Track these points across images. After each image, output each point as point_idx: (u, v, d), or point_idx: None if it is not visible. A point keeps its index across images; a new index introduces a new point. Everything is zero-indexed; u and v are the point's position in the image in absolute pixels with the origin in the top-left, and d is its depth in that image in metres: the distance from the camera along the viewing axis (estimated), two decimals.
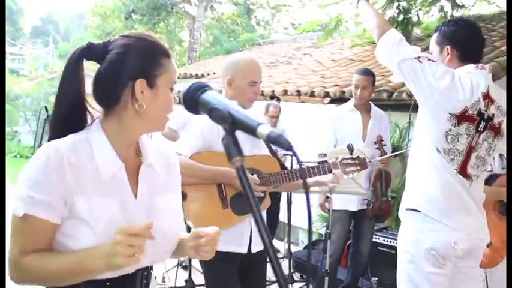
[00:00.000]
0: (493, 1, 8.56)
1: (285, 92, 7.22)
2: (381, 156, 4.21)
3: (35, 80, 21.27)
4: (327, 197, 4.11)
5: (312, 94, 6.74)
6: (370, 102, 4.43)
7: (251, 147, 2.84)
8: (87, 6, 21.66)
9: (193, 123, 2.85)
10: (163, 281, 5.09)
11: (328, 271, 3.76)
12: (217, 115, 1.23)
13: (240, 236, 2.79)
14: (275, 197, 6.26)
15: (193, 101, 1.28)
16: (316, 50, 11.09)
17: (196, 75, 11.06)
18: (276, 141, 1.04)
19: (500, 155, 3.46)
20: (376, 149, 4.25)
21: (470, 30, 2.61)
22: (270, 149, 2.91)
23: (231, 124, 1.18)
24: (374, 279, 4.75)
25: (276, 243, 6.59)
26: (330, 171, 2.86)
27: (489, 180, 3.29)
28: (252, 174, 2.78)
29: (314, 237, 6.11)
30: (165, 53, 1.51)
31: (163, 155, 1.66)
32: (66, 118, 1.48)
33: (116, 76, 1.45)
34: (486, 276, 3.11)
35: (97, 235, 1.37)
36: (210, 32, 18.67)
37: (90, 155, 1.44)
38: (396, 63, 2.50)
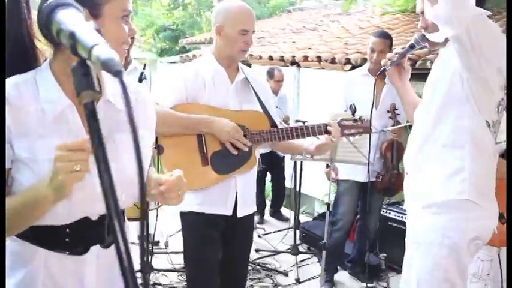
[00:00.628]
0: None
1: (305, 58, 7.01)
2: (393, 126, 3.93)
3: None
4: (327, 166, 3.86)
5: (333, 61, 6.48)
6: None
7: (241, 102, 2.65)
8: None
9: (176, 73, 2.67)
10: (166, 245, 4.97)
11: (326, 244, 3.54)
12: (61, 37, 0.97)
13: (224, 198, 2.61)
14: (279, 165, 6.10)
15: (48, 20, 1.04)
16: (346, 17, 10.71)
17: None
18: (104, 64, 0.81)
19: None
20: (389, 118, 3.97)
21: None
22: (262, 105, 2.68)
23: (73, 48, 0.92)
24: (383, 255, 4.51)
25: (285, 212, 6.44)
26: (326, 132, 2.58)
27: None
28: None
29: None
30: None
31: (130, 91, 1.51)
32: (15, 57, 1.39)
33: (55, 7, 1.28)
34: (499, 255, 2.80)
35: (40, 177, 1.29)
36: None
37: (34, 95, 1.36)
38: (464, 26, 1.93)
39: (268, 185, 6.61)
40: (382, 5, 9.64)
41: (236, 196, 2.61)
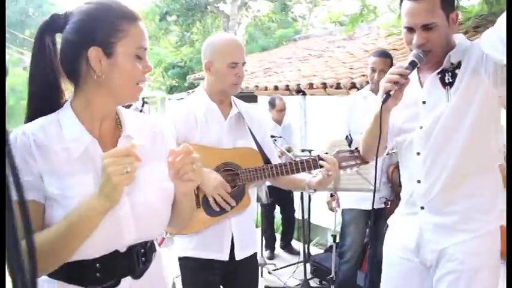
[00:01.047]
0: None
1: (311, 86, 6.94)
2: None
3: None
4: (331, 195, 3.68)
5: (338, 86, 6.39)
6: None
7: (235, 138, 2.52)
8: None
9: (167, 116, 2.59)
10: (174, 287, 4.77)
11: (334, 278, 3.33)
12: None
13: (219, 241, 2.47)
14: (287, 196, 5.92)
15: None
16: (351, 42, 10.66)
17: None
18: None
19: None
20: None
21: None
22: (255, 141, 2.54)
23: None
24: None
25: (297, 244, 6.22)
26: (319, 166, 2.42)
27: None
28: (230, 170, 2.43)
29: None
30: (125, 17, 1.41)
31: (147, 125, 1.61)
32: (39, 98, 1.46)
33: (72, 46, 1.41)
34: None
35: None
36: (245, 29, 18.47)
37: (59, 135, 1.41)
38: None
39: (278, 217, 6.43)
40: (387, 27, 9.55)
41: (232, 238, 2.48)
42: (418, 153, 2.07)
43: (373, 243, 4.06)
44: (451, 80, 2.00)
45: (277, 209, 6.27)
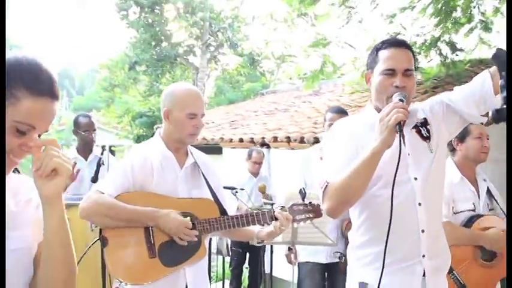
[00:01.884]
0: (494, 45, 8.29)
1: (275, 139, 7.01)
2: None
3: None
4: (289, 248, 3.67)
5: (302, 140, 6.47)
6: None
7: (190, 188, 2.53)
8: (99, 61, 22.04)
9: (124, 159, 2.59)
10: None
11: None
12: None
13: None
14: (255, 248, 5.84)
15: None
16: (316, 97, 10.90)
17: None
18: None
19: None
20: None
21: None
22: (212, 191, 2.55)
23: None
24: None
25: None
26: (275, 219, 2.46)
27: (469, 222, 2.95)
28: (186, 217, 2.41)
29: None
30: (30, 85, 1.28)
31: (24, 188, 1.43)
32: None
33: None
34: None
35: None
36: (213, 82, 18.74)
37: None
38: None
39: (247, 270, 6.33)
40: (352, 84, 9.83)
41: None
42: (420, 204, 2.08)
43: None
44: (428, 135, 2.12)
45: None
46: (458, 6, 7.09)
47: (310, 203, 2.57)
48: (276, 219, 2.46)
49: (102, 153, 4.17)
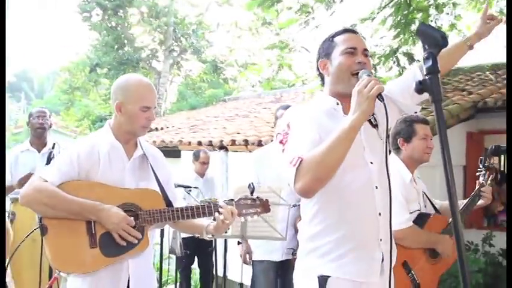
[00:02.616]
0: None
1: (233, 142, 7.07)
2: None
3: None
4: (239, 243, 3.68)
5: (260, 143, 6.53)
6: None
7: (138, 180, 2.50)
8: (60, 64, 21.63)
9: (71, 147, 2.53)
10: None
11: None
12: None
13: (115, 283, 2.39)
14: (206, 249, 5.79)
15: None
16: (277, 104, 10.98)
17: (156, 128, 10.86)
18: None
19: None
20: None
21: None
22: (159, 183, 2.53)
23: None
24: None
25: None
26: (218, 212, 2.45)
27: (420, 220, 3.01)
28: (129, 211, 2.39)
29: None
30: None
31: None
32: None
33: None
34: None
35: None
36: (176, 87, 18.67)
37: None
38: None
39: (198, 271, 6.29)
40: (313, 91, 9.97)
41: (128, 281, 2.41)
42: (376, 187, 2.09)
43: None
44: (376, 122, 2.16)
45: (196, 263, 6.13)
46: (416, 19, 7.27)
47: (257, 197, 2.57)
48: (219, 212, 2.45)
49: (53, 147, 4.11)
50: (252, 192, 2.63)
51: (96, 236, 2.33)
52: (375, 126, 2.17)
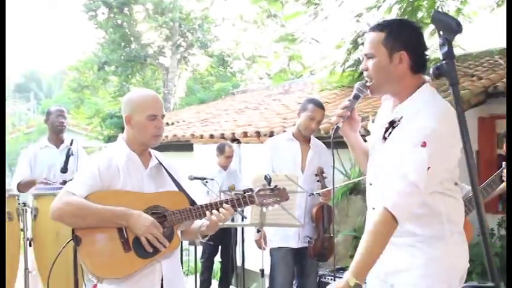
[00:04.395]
0: (456, 44, 8.51)
1: (245, 134, 7.12)
2: (321, 189, 3.90)
3: (13, 134, 21.13)
4: (258, 231, 3.76)
5: (272, 134, 6.57)
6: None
7: (157, 187, 2.62)
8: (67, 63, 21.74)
9: (90, 161, 2.67)
10: None
11: None
12: None
13: (150, 284, 2.51)
14: (226, 242, 5.87)
15: None
16: (286, 95, 11.05)
17: (167, 123, 10.95)
18: None
19: None
20: (317, 181, 3.95)
21: (422, 37, 2.23)
22: (178, 185, 2.66)
23: None
24: None
25: None
26: (250, 202, 2.61)
27: None
28: (156, 213, 2.50)
29: None
30: None
31: None
32: None
33: None
34: None
35: None
36: (184, 82, 18.73)
37: None
38: None
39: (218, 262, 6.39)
40: (321, 82, 10.01)
41: (162, 281, 2.53)
42: (374, 208, 2.16)
43: (300, 282, 4.13)
44: (387, 137, 2.17)
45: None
46: (422, 6, 7.28)
47: (276, 186, 2.68)
48: (248, 204, 2.59)
49: (71, 144, 4.21)
50: (269, 183, 2.75)
51: (129, 240, 2.44)
52: (384, 139, 2.19)
